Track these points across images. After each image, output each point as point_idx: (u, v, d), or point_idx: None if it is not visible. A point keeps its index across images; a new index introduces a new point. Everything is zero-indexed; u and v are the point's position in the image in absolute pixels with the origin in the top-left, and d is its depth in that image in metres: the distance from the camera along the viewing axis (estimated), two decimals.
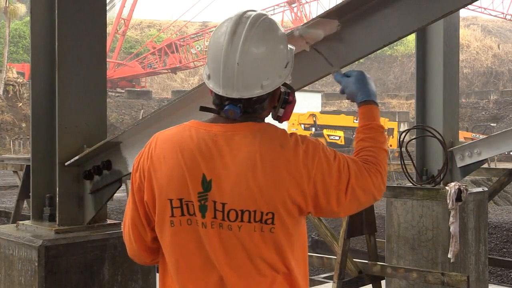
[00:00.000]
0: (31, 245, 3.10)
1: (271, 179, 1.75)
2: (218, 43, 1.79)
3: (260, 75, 1.78)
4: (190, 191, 1.79)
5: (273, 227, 1.77)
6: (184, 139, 1.83)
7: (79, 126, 3.36)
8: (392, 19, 2.20)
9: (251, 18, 1.80)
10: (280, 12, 38.41)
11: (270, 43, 1.80)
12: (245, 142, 1.78)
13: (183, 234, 1.83)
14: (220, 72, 1.78)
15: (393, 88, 48.10)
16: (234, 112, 1.78)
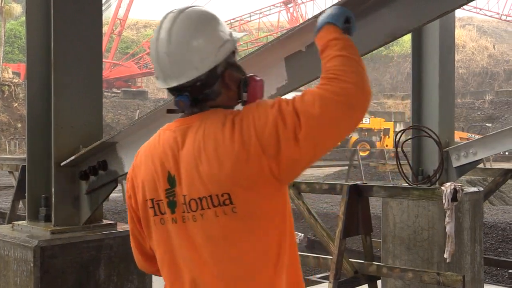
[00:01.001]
0: (26, 246, 3.09)
1: (216, 160, 1.73)
2: (151, 43, 1.87)
3: (191, 58, 1.79)
4: (160, 190, 1.85)
5: (234, 207, 1.73)
6: (155, 143, 1.90)
7: (75, 126, 3.36)
8: (388, 19, 2.20)
9: (176, 11, 1.85)
10: (276, 13, 38.46)
11: (197, 27, 1.81)
12: (193, 131, 1.80)
13: (159, 234, 1.88)
14: (158, 67, 1.85)
15: (389, 88, 48.15)
16: (183, 102, 1.82)
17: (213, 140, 1.75)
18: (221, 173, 1.73)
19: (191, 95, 1.82)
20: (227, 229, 1.76)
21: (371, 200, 5.41)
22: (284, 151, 1.70)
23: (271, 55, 2.43)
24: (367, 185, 5.28)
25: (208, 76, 1.81)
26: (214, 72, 1.82)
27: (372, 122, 33.49)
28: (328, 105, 1.69)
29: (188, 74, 1.80)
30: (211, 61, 1.80)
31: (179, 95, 1.83)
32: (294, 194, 5.44)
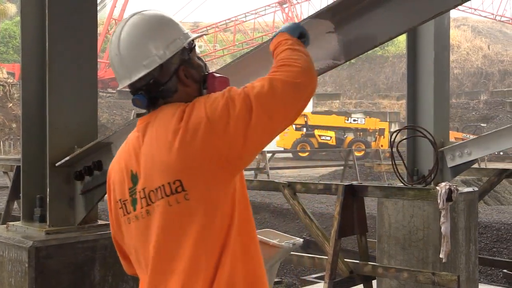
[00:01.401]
0: (21, 246, 3.09)
1: (166, 147, 1.79)
2: (109, 51, 1.99)
3: (138, 57, 1.87)
4: (125, 190, 1.92)
5: (186, 194, 1.78)
6: (123, 145, 2.00)
7: (70, 127, 3.35)
8: (383, 19, 2.21)
9: (128, 15, 1.96)
10: (271, 13, 38.46)
11: (143, 27, 1.90)
12: (150, 126, 1.89)
13: (128, 233, 1.94)
14: (114, 69, 1.95)
15: (384, 89, 48.19)
16: (139, 101, 1.91)
17: (164, 129, 1.81)
18: (171, 159, 1.78)
19: (147, 93, 1.89)
20: (180, 218, 1.80)
21: (366, 200, 5.41)
22: (236, 131, 1.75)
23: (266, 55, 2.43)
24: (362, 185, 5.29)
25: (160, 74, 1.88)
26: (167, 70, 1.89)
27: (367, 122, 33.54)
28: (277, 86, 1.79)
29: (137, 72, 1.88)
30: (158, 58, 1.87)
31: (135, 94, 1.91)
32: (289, 194, 5.44)
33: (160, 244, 1.83)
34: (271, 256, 4.33)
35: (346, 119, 33.66)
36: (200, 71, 1.95)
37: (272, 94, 1.78)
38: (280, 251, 4.50)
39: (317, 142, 32.08)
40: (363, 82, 50.19)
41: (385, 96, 45.34)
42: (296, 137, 32.27)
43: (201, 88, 1.94)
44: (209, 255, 1.80)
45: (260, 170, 17.87)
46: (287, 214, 13.38)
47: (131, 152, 1.91)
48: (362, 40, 2.24)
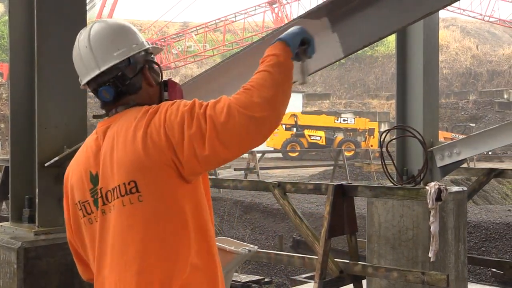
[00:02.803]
0: (9, 247, 3.07)
1: (124, 147, 1.85)
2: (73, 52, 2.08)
3: (110, 48, 1.98)
4: (85, 192, 1.96)
5: (140, 195, 1.83)
6: (81, 150, 2.05)
7: (59, 127, 3.34)
8: (372, 19, 2.21)
9: (93, 22, 2.09)
10: (261, 13, 38.45)
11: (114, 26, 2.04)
12: (111, 128, 1.95)
13: (89, 234, 1.98)
14: (82, 64, 2.02)
15: (373, 89, 48.30)
16: (107, 92, 1.97)
17: (125, 130, 1.88)
18: (127, 159, 1.84)
19: (114, 86, 1.97)
20: (132, 219, 1.84)
21: (356, 200, 5.43)
22: (186, 149, 1.79)
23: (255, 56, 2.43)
24: (352, 185, 5.30)
25: (128, 68, 1.98)
26: (134, 66, 1.99)
27: (357, 122, 33.62)
28: (234, 116, 1.75)
29: (108, 62, 1.96)
30: (128, 51, 1.98)
31: (101, 87, 1.98)
32: (279, 194, 5.44)
33: (114, 244, 1.87)
34: (228, 262, 4.33)
35: (336, 119, 33.72)
36: (158, 76, 2.07)
37: (227, 125, 1.75)
38: (237, 257, 4.51)
39: (307, 142, 32.12)
40: (352, 82, 50.30)
41: (375, 96, 45.47)
42: (286, 137, 32.29)
43: (162, 91, 2.04)
44: (161, 258, 1.83)
45: (250, 170, 17.86)
46: (277, 214, 13.39)
47: (90, 154, 1.97)
48: (352, 40, 2.24)
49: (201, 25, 40.79)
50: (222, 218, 14.09)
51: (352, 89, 49.82)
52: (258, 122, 1.76)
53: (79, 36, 2.06)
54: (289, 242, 11.13)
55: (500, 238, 10.42)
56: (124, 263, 1.86)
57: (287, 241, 11.56)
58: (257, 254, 6.24)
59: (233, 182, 6.11)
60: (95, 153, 1.95)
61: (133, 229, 1.84)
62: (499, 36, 55.56)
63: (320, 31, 2.25)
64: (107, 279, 1.90)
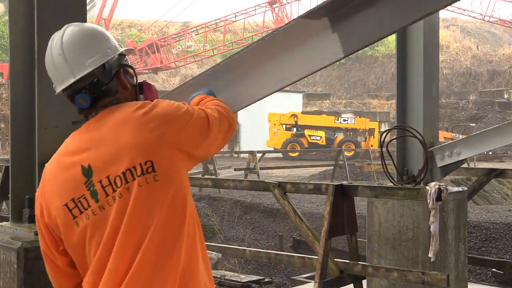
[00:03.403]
0: (10, 247, 3.07)
1: (138, 130, 1.92)
2: (46, 58, 2.08)
3: (83, 56, 1.99)
4: (79, 187, 1.95)
5: (156, 175, 1.90)
6: (64, 151, 2.06)
7: (59, 127, 3.33)
8: (373, 19, 2.21)
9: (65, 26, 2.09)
10: (261, 13, 38.44)
11: (87, 31, 2.05)
12: (105, 122, 1.98)
13: (88, 229, 1.94)
14: (56, 71, 2.03)
15: (374, 89, 48.30)
16: (83, 99, 2.01)
17: (130, 118, 1.95)
18: (143, 140, 1.90)
19: (90, 93, 2.00)
20: (150, 197, 1.90)
21: (356, 200, 5.43)
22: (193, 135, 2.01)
23: (255, 55, 2.43)
24: (352, 185, 5.30)
25: (103, 74, 2.00)
26: (109, 71, 2.02)
27: (357, 122, 33.62)
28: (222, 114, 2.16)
29: (83, 70, 1.98)
30: (102, 57, 2.01)
31: (78, 94, 2.00)
32: (279, 194, 5.44)
33: (129, 225, 1.88)
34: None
35: (336, 119, 33.72)
36: (133, 79, 2.12)
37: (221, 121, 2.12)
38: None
39: (307, 142, 32.12)
40: (353, 82, 50.31)
41: (375, 96, 45.47)
42: (286, 137, 32.30)
43: (137, 93, 2.10)
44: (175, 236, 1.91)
45: (250, 170, 17.87)
46: (277, 214, 13.39)
47: (78, 151, 1.97)
48: (352, 40, 2.24)
49: (201, 25, 40.78)
50: (222, 218, 14.09)
51: (352, 89, 49.83)
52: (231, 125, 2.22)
53: (51, 41, 2.06)
54: (289, 242, 11.14)
55: (500, 238, 10.42)
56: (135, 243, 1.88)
57: (287, 241, 11.57)
58: (257, 254, 6.25)
59: (233, 182, 6.11)
60: (86, 147, 1.96)
61: (150, 209, 1.89)
62: (499, 36, 55.56)
63: (320, 31, 2.25)
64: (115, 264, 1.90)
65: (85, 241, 1.96)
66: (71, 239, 1.99)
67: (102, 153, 1.93)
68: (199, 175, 16.31)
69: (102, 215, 1.92)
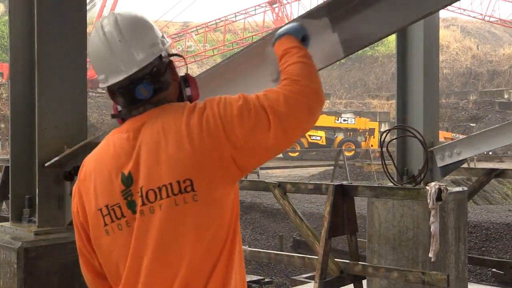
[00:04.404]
0: (10, 247, 3.07)
1: (180, 144, 1.75)
2: (96, 47, 1.89)
3: (146, 42, 1.86)
4: (115, 194, 1.81)
5: (195, 194, 1.74)
6: (103, 149, 1.90)
7: (59, 127, 3.34)
8: (373, 19, 2.21)
9: (111, 12, 1.94)
10: (261, 13, 38.46)
11: (140, 18, 1.91)
12: (150, 125, 1.82)
13: (119, 241, 1.82)
14: (113, 60, 1.85)
15: (374, 89, 48.29)
16: (145, 89, 1.84)
17: (174, 127, 1.78)
18: (183, 155, 1.74)
19: (151, 82, 1.86)
20: (187, 218, 1.75)
21: (356, 200, 5.42)
22: (249, 141, 1.76)
23: (256, 55, 2.43)
24: (352, 185, 5.30)
25: (159, 63, 1.88)
26: (163, 61, 1.89)
27: (357, 122, 33.61)
28: (293, 105, 1.81)
29: (148, 57, 1.85)
30: (161, 44, 1.89)
31: (139, 84, 1.84)
32: (279, 194, 5.44)
33: (159, 247, 1.76)
34: None
35: (336, 119, 33.71)
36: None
37: (289, 114, 1.79)
38: None
39: (307, 142, 32.11)
40: (353, 82, 50.31)
41: (375, 96, 45.46)
42: None
43: (180, 87, 1.95)
44: (208, 260, 1.76)
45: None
46: (277, 214, 13.38)
47: (121, 153, 1.82)
48: (353, 40, 2.24)
49: (201, 25, 40.79)
50: None
51: (352, 89, 49.83)
52: (312, 110, 1.84)
53: (102, 29, 1.87)
54: (289, 242, 11.14)
55: (501, 238, 10.42)
56: (168, 265, 1.76)
57: (287, 241, 11.56)
58: (257, 254, 6.24)
59: None
60: (129, 152, 1.81)
61: (186, 231, 1.75)
62: (500, 36, 55.55)
63: (320, 31, 2.25)
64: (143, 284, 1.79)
65: (113, 251, 1.84)
66: (100, 246, 1.88)
67: (144, 162, 1.79)
68: None
69: (132, 228, 1.80)
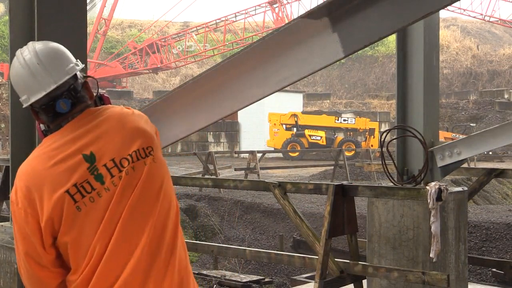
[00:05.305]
0: (10, 247, 3.07)
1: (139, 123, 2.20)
2: (17, 71, 2.19)
3: (61, 64, 2.17)
4: (81, 173, 2.09)
5: (154, 158, 2.17)
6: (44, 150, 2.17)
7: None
8: (373, 19, 2.21)
9: (29, 44, 2.23)
10: (261, 13, 38.44)
11: (55, 45, 2.23)
12: (99, 115, 2.18)
13: (92, 212, 2.07)
14: (34, 80, 2.14)
15: (374, 89, 48.26)
16: (64, 104, 2.16)
17: (127, 113, 2.21)
18: (144, 127, 2.19)
19: (69, 98, 2.16)
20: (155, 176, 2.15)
21: (356, 200, 5.43)
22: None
23: (256, 55, 2.43)
24: (352, 185, 5.30)
25: (75, 82, 2.19)
26: (79, 82, 2.21)
27: (358, 122, 33.60)
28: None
29: (63, 76, 2.15)
30: (76, 66, 2.20)
31: (58, 99, 2.14)
32: (279, 194, 5.44)
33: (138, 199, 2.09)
34: None
35: (336, 119, 33.70)
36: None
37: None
38: None
39: (307, 142, 32.11)
40: (353, 82, 50.31)
41: (375, 96, 45.45)
42: (287, 137, 32.29)
43: (97, 104, 2.27)
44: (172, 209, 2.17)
45: (251, 170, 17.87)
46: (277, 214, 13.39)
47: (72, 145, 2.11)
48: (353, 40, 2.24)
49: (202, 25, 40.79)
50: (223, 218, 14.09)
51: (352, 89, 49.82)
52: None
53: (21, 55, 2.18)
54: (289, 242, 11.14)
55: (501, 238, 10.43)
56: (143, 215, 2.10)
57: (288, 241, 11.57)
58: (257, 254, 6.25)
59: (234, 182, 6.11)
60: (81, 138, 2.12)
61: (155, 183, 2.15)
62: (500, 36, 55.55)
63: (320, 31, 2.25)
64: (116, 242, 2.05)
65: (85, 224, 2.07)
66: (72, 225, 2.06)
67: (106, 142, 2.12)
68: (199, 175, 16.32)
69: (108, 196, 2.08)
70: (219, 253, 7.48)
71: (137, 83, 49.15)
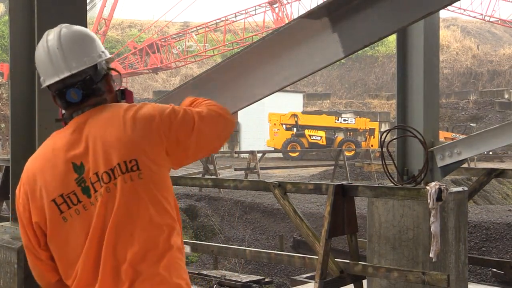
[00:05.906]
0: (10, 247, 3.07)
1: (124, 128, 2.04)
2: (39, 51, 2.16)
3: (81, 53, 2.12)
4: (69, 183, 2.04)
5: (140, 173, 2.03)
6: (47, 150, 2.14)
7: (59, 127, 3.33)
8: (373, 19, 2.21)
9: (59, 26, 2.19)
10: (261, 13, 38.44)
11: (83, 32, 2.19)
12: (93, 120, 2.09)
13: (77, 224, 2.03)
14: (50, 64, 2.11)
15: (374, 89, 48.25)
16: (75, 93, 2.11)
17: (120, 118, 2.07)
18: (130, 138, 2.03)
19: (82, 88, 2.11)
20: (136, 194, 2.01)
21: (356, 200, 5.43)
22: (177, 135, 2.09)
23: (255, 55, 2.43)
24: (352, 185, 5.30)
25: (94, 73, 2.13)
26: (99, 72, 2.16)
27: (358, 122, 33.60)
28: (215, 113, 2.18)
29: (80, 65, 2.10)
30: (97, 57, 2.15)
31: (70, 88, 2.10)
32: (279, 194, 5.44)
33: (118, 220, 1.99)
34: None
35: (336, 119, 33.70)
36: (115, 85, 2.25)
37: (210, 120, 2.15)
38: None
39: (307, 142, 32.11)
40: (353, 82, 50.30)
41: (375, 96, 45.44)
42: (287, 137, 32.30)
43: (117, 99, 2.23)
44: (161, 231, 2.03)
45: (251, 170, 17.87)
46: (277, 214, 13.40)
47: (68, 148, 2.06)
48: (353, 40, 2.24)
49: (202, 25, 40.77)
50: (223, 218, 14.09)
51: (352, 89, 49.83)
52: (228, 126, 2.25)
53: (47, 36, 2.15)
54: (289, 242, 11.14)
55: (501, 238, 10.43)
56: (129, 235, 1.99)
57: (288, 241, 11.57)
58: (257, 254, 6.25)
59: (234, 182, 6.11)
60: (75, 145, 2.06)
61: (136, 205, 2.01)
62: (500, 36, 55.55)
63: (320, 31, 2.25)
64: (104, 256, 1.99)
65: (70, 237, 2.04)
66: (57, 234, 2.06)
67: (92, 151, 2.03)
68: (199, 175, 16.32)
69: (93, 210, 2.02)
70: (219, 253, 7.49)
71: (137, 83, 49.14)
